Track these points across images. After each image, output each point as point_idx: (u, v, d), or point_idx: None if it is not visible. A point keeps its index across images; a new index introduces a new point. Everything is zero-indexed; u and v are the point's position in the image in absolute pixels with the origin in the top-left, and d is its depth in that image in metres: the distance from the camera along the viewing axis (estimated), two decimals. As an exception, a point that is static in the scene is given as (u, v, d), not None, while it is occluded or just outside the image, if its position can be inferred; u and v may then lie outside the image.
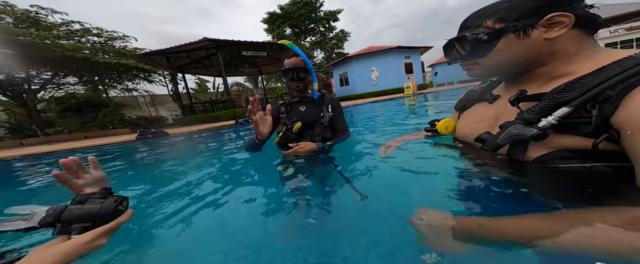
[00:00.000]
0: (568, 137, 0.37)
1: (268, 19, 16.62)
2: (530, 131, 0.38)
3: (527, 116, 0.40)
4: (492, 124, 0.51)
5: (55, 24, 6.70)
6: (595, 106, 0.33)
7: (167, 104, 12.30)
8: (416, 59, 12.98)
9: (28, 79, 6.88)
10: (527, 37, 0.41)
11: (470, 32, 0.47)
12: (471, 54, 0.49)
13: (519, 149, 0.42)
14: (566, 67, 0.41)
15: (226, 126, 5.08)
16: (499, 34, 0.44)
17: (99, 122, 7.39)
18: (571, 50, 0.40)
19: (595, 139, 0.34)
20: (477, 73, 0.52)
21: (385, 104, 5.10)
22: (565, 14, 0.38)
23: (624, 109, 0.31)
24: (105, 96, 8.80)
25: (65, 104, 7.81)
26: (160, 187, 0.96)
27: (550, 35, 0.40)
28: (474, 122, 0.59)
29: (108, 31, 7.66)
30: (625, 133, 0.31)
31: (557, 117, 0.36)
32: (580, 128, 0.35)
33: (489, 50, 0.46)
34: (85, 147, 4.00)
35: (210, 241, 0.53)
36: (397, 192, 0.64)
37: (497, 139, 0.43)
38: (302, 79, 1.00)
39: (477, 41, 0.46)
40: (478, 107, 0.61)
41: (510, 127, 0.41)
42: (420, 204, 0.51)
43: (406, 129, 1.64)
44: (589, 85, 0.34)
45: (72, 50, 5.93)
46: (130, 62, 6.81)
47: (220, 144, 2.52)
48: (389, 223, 0.50)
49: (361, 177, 0.75)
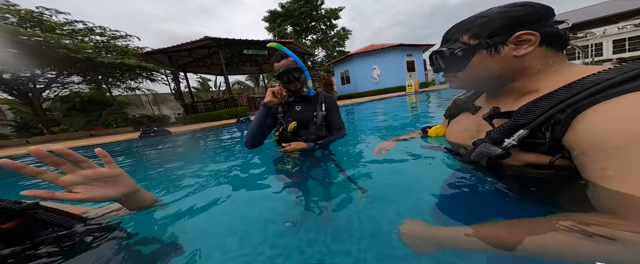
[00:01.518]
0: (529, 154, 0.41)
1: (269, 17, 16.54)
2: (496, 151, 0.41)
3: (493, 136, 0.44)
4: (474, 134, 0.55)
5: (58, 23, 6.77)
6: (548, 129, 0.36)
7: (170, 103, 12.40)
8: (418, 57, 12.85)
9: (33, 78, 6.97)
10: (498, 54, 0.44)
11: (448, 46, 0.49)
12: (450, 67, 0.51)
13: (494, 162, 0.47)
14: (534, 83, 0.43)
15: (228, 124, 5.12)
16: (473, 50, 0.46)
17: (103, 121, 7.49)
18: (538, 67, 0.43)
19: (551, 157, 0.38)
20: (457, 85, 0.55)
21: (386, 103, 5.08)
22: (531, 33, 0.40)
23: (572, 132, 0.34)
24: (109, 95, 8.90)
25: (70, 102, 7.92)
26: (161, 185, 0.98)
27: (518, 52, 0.42)
28: (460, 131, 0.62)
29: (111, 30, 7.72)
30: (573, 154, 0.35)
31: (517, 138, 0.39)
32: (537, 148, 0.39)
33: (465, 64, 0.48)
34: (90, 145, 4.07)
35: (210, 237, 0.54)
36: (392, 191, 0.65)
37: (470, 156, 0.47)
38: (298, 79, 1.00)
39: (453, 56, 0.48)
40: (463, 117, 0.64)
41: (481, 145, 0.45)
42: (411, 202, 0.55)
43: (406, 129, 1.64)
44: (543, 109, 0.37)
45: (76, 50, 5.99)
46: (133, 61, 6.86)
47: (222, 142, 2.55)
48: (382, 223, 0.51)
49: (358, 176, 0.76)
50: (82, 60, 6.21)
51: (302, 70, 1.00)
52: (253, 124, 1.00)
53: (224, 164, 1.26)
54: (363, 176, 0.76)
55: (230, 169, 1.11)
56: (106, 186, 0.42)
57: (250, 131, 1.01)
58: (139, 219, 0.56)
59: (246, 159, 1.28)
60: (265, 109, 0.95)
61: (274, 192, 0.76)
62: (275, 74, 1.01)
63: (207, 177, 1.03)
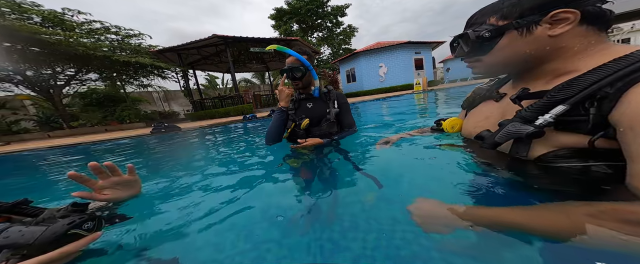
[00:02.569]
0: (566, 135, 0.37)
1: (275, 15, 16.55)
2: (527, 129, 0.38)
3: (524, 114, 0.40)
4: (497, 121, 0.51)
5: (77, 23, 7.11)
6: (593, 104, 0.33)
7: (179, 100, 12.76)
8: (427, 55, 12.49)
9: (54, 75, 7.39)
10: (531, 34, 0.41)
11: (473, 29, 0.47)
12: (474, 51, 0.48)
13: (522, 147, 0.42)
14: (572, 64, 0.40)
15: (234, 121, 5.23)
16: (502, 31, 0.43)
17: (117, 116, 7.85)
18: (577, 47, 0.39)
19: (591, 137, 0.34)
20: (480, 71, 0.52)
21: (393, 101, 5.01)
22: (571, 11, 0.37)
23: (620, 107, 0.31)
24: (123, 92, 9.28)
25: (87, 98, 8.34)
26: (172, 180, 1.00)
27: (554, 32, 0.39)
28: (481, 120, 0.58)
29: (125, 29, 8.02)
30: (618, 130, 0.32)
31: (554, 115, 0.36)
32: (578, 126, 0.35)
33: (491, 47, 0.45)
34: (105, 140, 4.29)
35: (215, 233, 0.53)
36: (402, 188, 0.64)
37: (495, 137, 0.43)
38: (299, 78, 1.01)
39: (479, 38, 0.45)
40: (485, 106, 0.60)
41: (509, 125, 0.41)
42: (419, 194, 0.52)
43: (414, 127, 1.62)
44: (587, 83, 0.34)
45: (93, 48, 6.28)
46: (146, 59, 7.12)
47: (229, 138, 2.62)
48: (393, 217, 0.50)
49: (361, 178, 0.74)
50: (99, 58, 6.51)
51: (304, 71, 1.01)
52: (272, 128, 1.04)
53: (230, 160, 1.28)
54: (359, 177, 0.73)
55: (237, 165, 1.13)
56: (123, 189, 0.52)
57: (270, 133, 1.05)
58: (141, 209, 0.57)
59: (253, 154, 1.30)
60: (282, 114, 0.99)
61: (281, 189, 0.76)
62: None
63: (214, 173, 1.05)
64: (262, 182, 0.85)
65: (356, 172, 0.75)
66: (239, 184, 0.83)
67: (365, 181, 0.68)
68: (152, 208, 0.61)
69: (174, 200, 0.71)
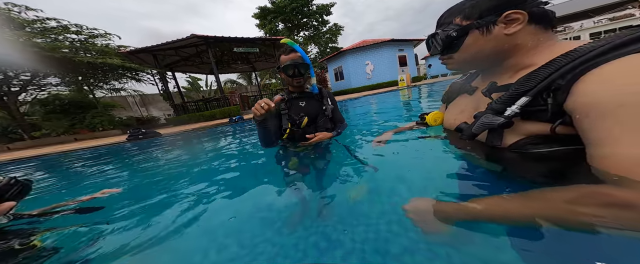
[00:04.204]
0: (531, 123, 0.41)
1: (259, 13, 16.07)
2: (498, 120, 0.41)
3: (495, 106, 0.44)
4: (472, 114, 0.54)
5: (27, 20, 6.27)
6: (549, 95, 0.37)
7: (159, 104, 11.93)
8: (410, 52, 12.99)
9: (6, 80, 6.48)
10: (490, 33, 0.45)
11: (442, 29, 0.51)
12: (445, 49, 0.52)
13: (496, 136, 0.46)
14: (529, 59, 0.44)
15: (221, 124, 5.00)
16: (466, 30, 0.47)
17: (87, 124, 7.12)
18: (530, 44, 0.44)
19: (552, 124, 0.37)
20: (453, 67, 0.55)
21: (379, 98, 5.14)
22: (519, 12, 0.41)
23: (572, 96, 0.34)
24: (92, 97, 8.43)
25: (49, 106, 7.45)
26: (154, 186, 0.96)
27: (509, 30, 0.43)
28: (458, 113, 0.62)
29: (88, 28, 7.25)
30: (575, 118, 0.35)
31: (519, 106, 0.39)
32: (539, 115, 0.39)
33: (459, 45, 0.49)
34: (74, 149, 3.87)
35: (207, 237, 0.54)
36: (393, 181, 0.66)
37: (472, 129, 0.47)
38: (303, 74, 1.01)
39: (448, 38, 0.49)
40: (461, 99, 0.64)
41: (482, 117, 0.45)
42: (413, 190, 0.55)
43: (401, 121, 1.67)
44: (542, 76, 0.37)
45: (50, 49, 5.59)
46: (115, 61, 6.51)
47: (216, 141, 2.50)
48: (385, 211, 0.52)
49: (356, 169, 0.77)
50: (58, 61, 5.81)
51: (309, 66, 1.01)
52: (260, 138, 0.99)
53: (218, 163, 1.24)
54: (360, 170, 0.76)
55: (225, 167, 1.10)
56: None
57: (261, 139, 1.00)
58: (130, 217, 0.54)
59: (244, 155, 1.27)
60: (259, 125, 0.90)
61: (273, 189, 0.75)
62: (280, 66, 1.00)
63: (200, 177, 1.02)
64: (253, 182, 0.83)
65: (357, 165, 0.76)
66: (230, 186, 0.81)
67: (366, 175, 0.69)
68: (134, 216, 0.60)
69: (156, 206, 0.69)
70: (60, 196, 1.02)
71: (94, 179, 1.49)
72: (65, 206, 0.60)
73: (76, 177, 1.71)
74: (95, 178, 1.51)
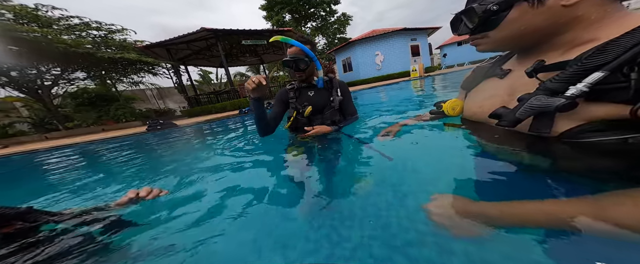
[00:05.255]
0: (601, 105, 0.33)
1: (266, 5, 15.79)
2: (557, 101, 0.34)
3: (551, 86, 0.36)
4: (505, 99, 0.48)
5: (53, 18, 6.72)
6: (633, 68, 0.29)
7: (174, 97, 12.49)
8: (423, 41, 12.24)
9: (40, 75, 7.11)
10: (542, 5, 0.38)
11: (479, 3, 0.44)
12: (480, 27, 0.45)
13: (544, 123, 0.38)
14: (590, 33, 0.37)
15: (231, 115, 5.17)
16: (510, 3, 0.40)
17: (112, 116, 7.70)
18: (594, 16, 0.36)
19: (633, 106, 0.30)
20: (486, 47, 0.48)
21: (390, 89, 4.98)
22: None
23: None
24: (115, 90, 9.02)
25: (78, 98, 8.10)
26: (170, 176, 0.99)
27: (568, 1, 0.36)
28: (485, 99, 0.55)
29: (107, 24, 7.62)
30: None
31: (589, 84, 0.32)
32: (616, 94, 0.31)
33: (498, 21, 0.43)
34: (104, 139, 4.25)
35: (214, 229, 0.52)
36: (409, 178, 0.60)
37: (516, 113, 0.39)
38: (303, 70, 0.98)
39: (486, 13, 0.42)
40: (488, 84, 0.57)
41: (531, 99, 0.38)
42: (431, 189, 0.48)
43: (409, 113, 1.62)
44: (626, 46, 0.30)
45: (75, 45, 6.00)
46: (132, 55, 6.85)
47: (227, 132, 2.61)
48: (397, 210, 0.47)
49: (367, 164, 0.72)
50: (82, 56, 6.24)
51: (309, 62, 0.98)
52: (255, 119, 1.00)
53: (229, 154, 1.25)
54: (364, 163, 0.73)
55: (236, 158, 1.10)
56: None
57: (256, 123, 1.00)
58: (145, 211, 0.57)
59: (253, 147, 1.28)
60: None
61: (281, 180, 0.74)
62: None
63: (212, 168, 1.02)
64: (264, 174, 0.82)
65: (362, 158, 0.73)
66: (239, 178, 0.81)
67: (371, 168, 0.66)
68: (154, 208, 0.61)
69: (171, 196, 0.69)
70: (93, 188, 1.05)
71: (126, 168, 1.64)
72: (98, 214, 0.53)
73: (107, 167, 1.86)
74: (127, 167, 1.65)
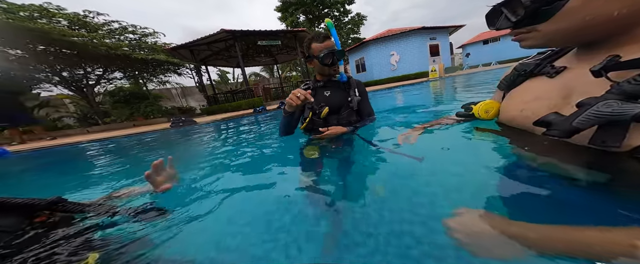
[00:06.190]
0: None
1: (281, 6, 16.18)
2: (635, 108, 0.27)
3: (628, 88, 0.29)
4: (558, 103, 0.40)
5: (98, 24, 7.60)
6: None
7: (195, 95, 13.37)
8: (443, 40, 11.56)
9: (86, 75, 8.10)
10: None
11: None
12: (527, 19, 0.38)
13: (613, 134, 0.30)
14: None
15: (246, 114, 5.41)
16: None
17: (142, 112, 8.50)
18: None
19: None
20: (534, 43, 0.40)
21: (406, 90, 4.78)
22: None
23: None
24: (145, 89, 9.94)
25: (115, 96, 9.09)
26: (188, 169, 1.00)
27: None
28: (529, 101, 0.46)
29: (141, 28, 8.42)
30: None
31: None
32: None
33: (554, 12, 0.35)
34: (134, 134, 4.71)
35: (226, 225, 0.53)
36: (431, 185, 0.54)
37: (574, 121, 0.32)
38: (339, 62, 0.97)
39: (536, 3, 0.35)
40: (532, 83, 0.48)
41: (599, 104, 0.30)
42: (455, 198, 0.43)
43: (431, 115, 1.53)
44: None
45: (114, 47, 6.73)
46: (162, 56, 7.49)
47: (242, 130, 2.73)
48: (415, 219, 0.43)
49: (384, 167, 0.67)
50: (120, 57, 6.98)
51: (344, 52, 0.97)
52: (281, 126, 1.03)
53: (243, 152, 1.26)
54: (380, 167, 0.68)
55: (250, 157, 1.11)
56: (170, 180, 0.62)
57: (281, 128, 1.04)
58: (167, 201, 0.59)
59: (267, 146, 1.30)
60: (288, 116, 0.94)
61: (295, 180, 0.73)
62: (315, 55, 0.94)
63: (226, 165, 1.04)
64: (278, 173, 0.81)
65: (367, 164, 0.70)
66: (253, 176, 0.81)
67: (388, 172, 0.62)
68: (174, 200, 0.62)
69: (187, 191, 0.70)
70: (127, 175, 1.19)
71: (152, 157, 1.80)
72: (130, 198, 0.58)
73: (136, 159, 2.07)
74: (153, 156, 1.81)
